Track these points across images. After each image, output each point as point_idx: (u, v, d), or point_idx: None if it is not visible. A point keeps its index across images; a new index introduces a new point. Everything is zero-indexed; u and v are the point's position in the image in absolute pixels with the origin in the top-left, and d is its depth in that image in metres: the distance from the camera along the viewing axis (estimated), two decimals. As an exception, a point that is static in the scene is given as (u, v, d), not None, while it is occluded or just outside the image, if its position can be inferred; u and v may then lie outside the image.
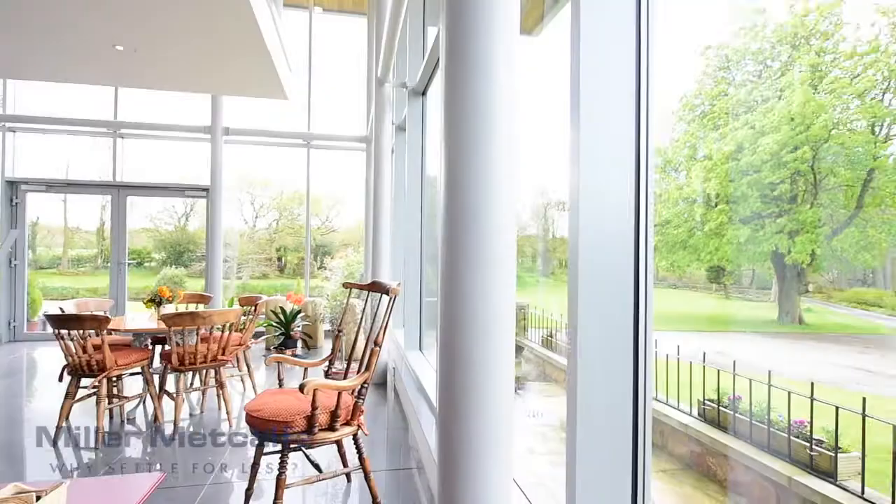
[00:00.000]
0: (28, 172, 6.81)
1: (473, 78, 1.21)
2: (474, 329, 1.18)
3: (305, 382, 2.00)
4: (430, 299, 4.74)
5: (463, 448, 1.27)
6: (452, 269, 1.22)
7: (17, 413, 4.04)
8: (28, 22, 3.31)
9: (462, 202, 1.22)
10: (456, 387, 1.26)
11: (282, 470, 2.09)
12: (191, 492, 2.57)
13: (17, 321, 6.63)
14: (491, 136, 1.20)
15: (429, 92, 4.49)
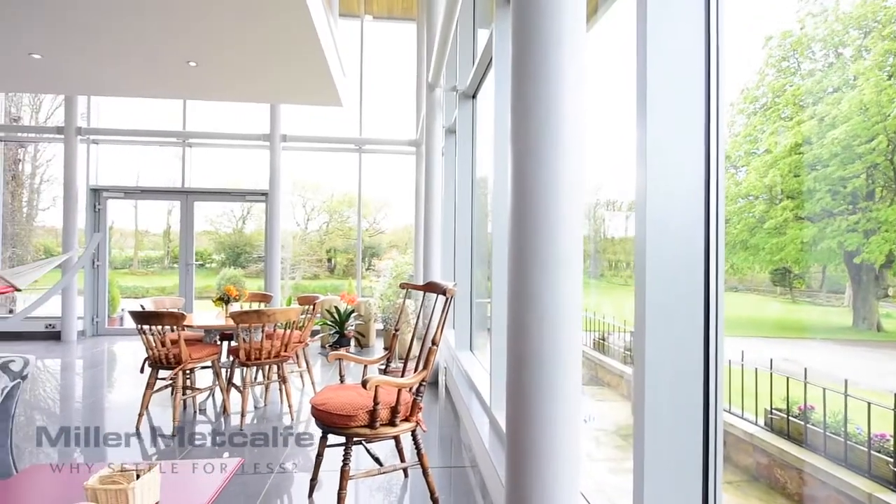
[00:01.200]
0: (107, 181, 7.42)
1: (541, 75, 1.21)
2: (542, 329, 1.19)
3: (368, 379, 2.08)
4: (479, 300, 4.77)
5: (532, 448, 1.27)
6: (520, 269, 1.24)
7: (101, 400, 4.42)
8: (112, 44, 3.63)
9: (530, 201, 1.23)
10: (524, 387, 1.27)
11: (345, 462, 2.19)
12: (259, 479, 2.73)
13: (99, 317, 7.23)
14: (558, 136, 1.20)
15: (479, 94, 4.53)
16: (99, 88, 4.80)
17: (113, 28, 3.39)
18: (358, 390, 2.46)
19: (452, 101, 5.52)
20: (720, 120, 1.26)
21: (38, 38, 3.54)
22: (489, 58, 3.58)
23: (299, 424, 3.69)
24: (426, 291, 2.64)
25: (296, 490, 2.68)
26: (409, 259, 7.78)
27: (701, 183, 1.25)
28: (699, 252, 1.24)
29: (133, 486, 1.47)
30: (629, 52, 1.51)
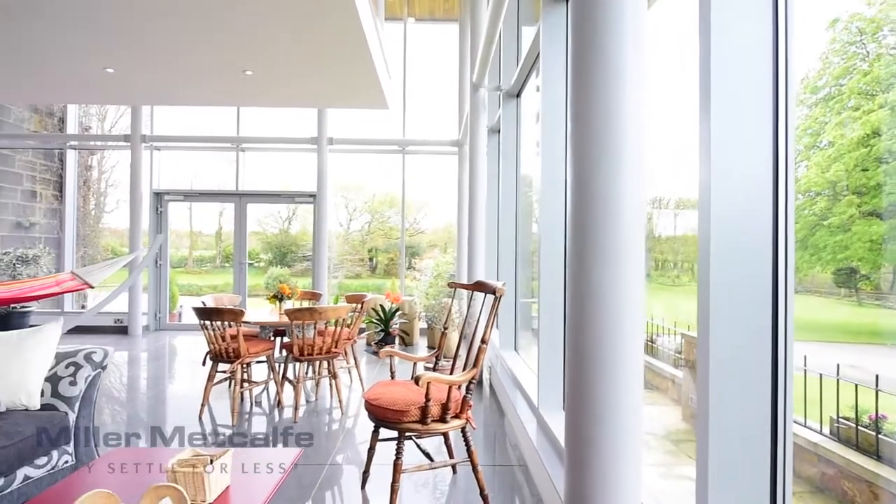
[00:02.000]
0: (166, 185, 7.88)
1: (601, 72, 1.20)
2: (603, 329, 1.18)
3: (420, 375, 2.13)
4: (523, 300, 4.75)
5: (593, 450, 1.26)
6: (580, 268, 1.24)
7: (165, 390, 4.71)
8: (175, 57, 3.86)
9: (590, 201, 1.22)
10: (585, 387, 1.26)
11: (398, 455, 2.25)
12: (313, 471, 2.84)
13: (161, 313, 7.69)
14: (619, 133, 1.19)
15: (523, 94, 4.51)
16: (163, 98, 5.12)
17: (177, 41, 3.61)
18: (408, 386, 2.51)
19: (495, 101, 5.52)
20: (789, 112, 1.21)
21: (112, 53, 3.82)
22: (535, 55, 3.56)
23: (348, 419, 3.80)
24: (474, 290, 2.66)
25: (348, 481, 2.77)
26: (450, 258, 7.82)
27: (769, 179, 1.21)
28: (766, 251, 1.21)
29: (208, 471, 1.57)
30: (684, 38, 1.47)
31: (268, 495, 1.64)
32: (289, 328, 3.95)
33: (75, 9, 3.12)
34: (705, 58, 1.21)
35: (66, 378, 2.49)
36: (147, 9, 3.11)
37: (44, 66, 4.09)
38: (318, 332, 3.71)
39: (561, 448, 2.47)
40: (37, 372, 2.43)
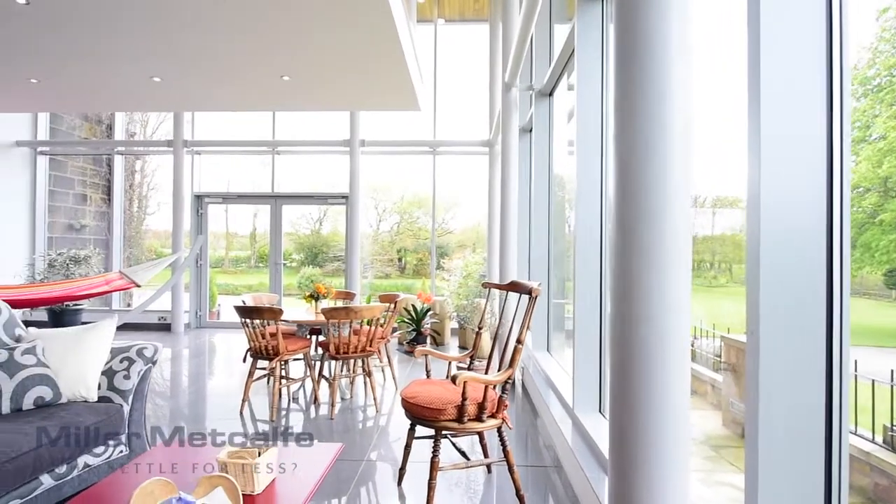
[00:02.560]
0: (205, 188, 8.17)
1: (646, 67, 1.17)
2: (648, 331, 1.17)
3: (457, 374, 2.15)
4: (556, 301, 4.71)
5: (639, 457, 1.23)
6: (625, 268, 1.23)
7: (207, 385, 4.89)
8: (217, 64, 4.01)
9: (636, 200, 1.20)
10: (630, 391, 1.23)
11: (435, 453, 2.27)
12: (350, 466, 2.90)
13: (201, 311, 7.99)
14: (666, 130, 1.16)
15: (555, 93, 4.48)
16: (204, 105, 5.33)
17: (219, 50, 3.75)
18: (444, 385, 2.54)
19: (526, 100, 5.50)
20: (844, 103, 1.17)
21: (159, 63, 4.00)
22: (569, 53, 3.53)
23: (381, 416, 3.86)
24: (509, 291, 2.66)
25: (384, 478, 2.81)
26: (479, 258, 7.82)
27: (822, 175, 1.17)
28: (820, 251, 1.17)
29: (256, 462, 1.64)
30: (728, 23, 1.43)
31: (312, 488, 1.69)
32: (325, 327, 4.04)
33: (126, 21, 3.28)
34: (754, 48, 1.18)
35: (121, 372, 2.62)
36: (193, 21, 3.25)
37: (96, 76, 4.32)
38: (353, 331, 3.78)
39: (598, 450, 2.44)
40: (94, 366, 2.58)
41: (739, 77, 1.61)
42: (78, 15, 3.19)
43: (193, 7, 3.06)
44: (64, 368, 2.50)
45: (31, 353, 2.43)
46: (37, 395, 2.34)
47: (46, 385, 2.38)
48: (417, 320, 5.97)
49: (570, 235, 4.33)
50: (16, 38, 3.54)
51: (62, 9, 3.11)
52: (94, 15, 3.19)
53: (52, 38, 3.55)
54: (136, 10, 3.11)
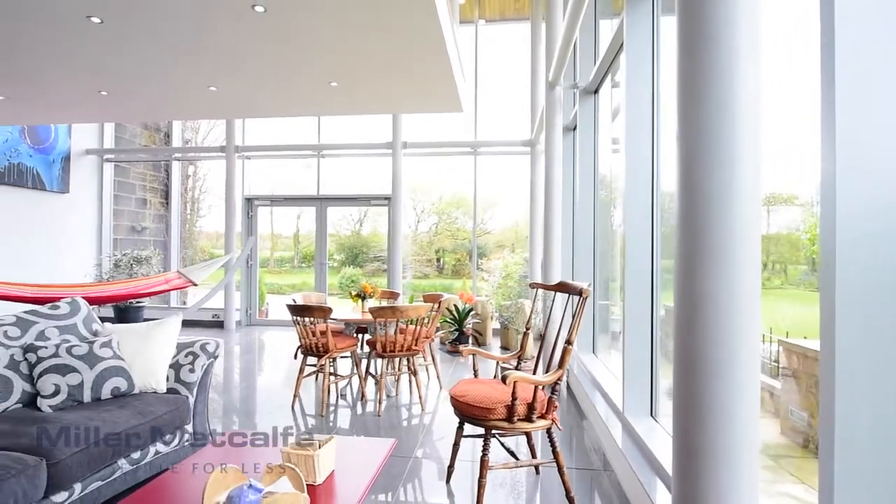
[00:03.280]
0: (254, 190, 8.51)
1: (713, 61, 1.14)
2: (716, 335, 1.14)
3: (508, 374, 2.16)
4: (601, 302, 4.63)
5: (705, 469, 1.19)
6: (690, 270, 1.20)
7: (260, 382, 5.10)
8: (271, 73, 4.18)
9: (701, 198, 1.17)
10: (696, 398, 1.19)
11: (485, 452, 2.29)
12: (399, 462, 2.96)
13: (251, 309, 8.32)
14: (734, 126, 1.13)
15: (601, 90, 4.40)
16: (256, 111, 5.56)
17: (271, 59, 3.91)
18: (493, 385, 2.55)
19: (570, 99, 5.42)
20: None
21: (215, 73, 4.21)
22: (617, 48, 3.47)
23: (426, 415, 3.90)
24: (557, 291, 2.65)
25: (432, 475, 2.85)
26: (519, 259, 7.77)
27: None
28: (903, 251, 1.11)
29: (318, 454, 1.71)
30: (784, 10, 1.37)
31: (369, 481, 1.74)
32: (371, 325, 4.13)
33: (187, 35, 3.48)
34: (828, 31, 1.12)
35: (186, 366, 2.79)
36: (248, 32, 3.40)
37: (159, 87, 4.60)
38: (398, 330, 3.85)
39: (651, 454, 2.39)
40: (163, 359, 2.75)
41: (791, 66, 1.54)
42: (145, 31, 3.41)
43: (249, 19, 3.20)
44: (136, 361, 2.68)
45: (108, 346, 2.62)
46: (113, 386, 2.52)
47: (122, 376, 2.56)
48: (460, 320, 6.01)
49: (614, 235, 4.25)
50: (90, 54, 3.82)
51: (131, 26, 3.33)
52: (160, 30, 3.40)
53: (121, 54, 3.81)
54: (197, 24, 3.29)
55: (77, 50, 3.74)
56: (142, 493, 1.69)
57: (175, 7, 3.08)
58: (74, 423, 2.14)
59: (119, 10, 3.11)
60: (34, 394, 2.41)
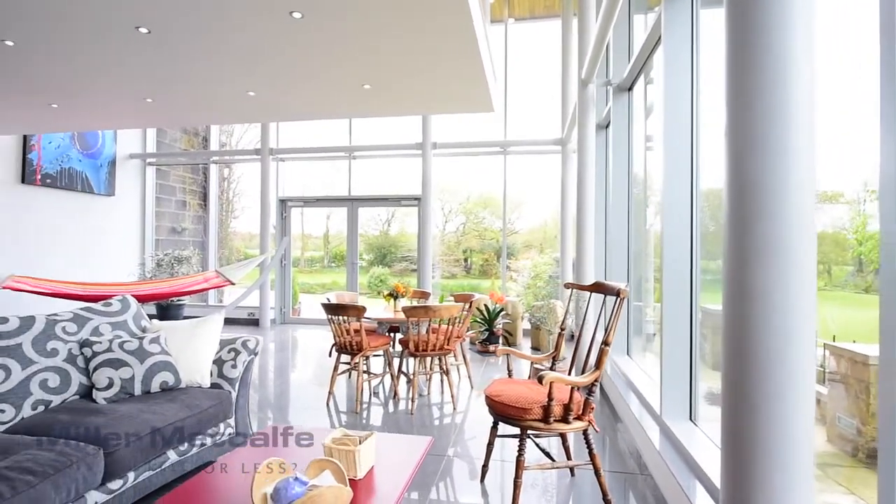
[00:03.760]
0: (288, 192, 8.72)
1: (765, 55, 1.10)
2: (769, 338, 1.10)
3: (544, 374, 2.15)
4: (635, 303, 4.54)
5: (757, 474, 1.15)
6: (742, 271, 1.16)
7: (294, 379, 5.22)
8: (306, 77, 4.28)
9: (753, 195, 1.13)
10: (748, 403, 1.15)
11: (520, 452, 2.29)
12: (433, 461, 2.98)
13: (285, 308, 8.53)
14: (788, 124, 1.09)
15: (635, 87, 4.32)
16: (291, 115, 5.69)
17: (307, 63, 4.00)
18: (528, 385, 2.55)
19: (602, 97, 5.34)
20: None
21: (254, 78, 4.34)
22: (653, 44, 3.40)
23: (458, 414, 3.92)
24: (593, 292, 2.62)
25: (465, 474, 2.87)
26: (548, 259, 7.69)
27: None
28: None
29: (359, 449, 1.74)
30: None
31: (408, 478, 1.77)
32: (404, 325, 4.18)
33: (230, 44, 3.60)
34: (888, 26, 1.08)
35: (229, 362, 2.89)
36: (286, 39, 3.49)
37: (200, 93, 4.77)
38: (431, 330, 3.88)
39: (691, 458, 2.34)
40: (207, 355, 2.86)
41: (829, 60, 1.48)
42: (190, 40, 3.55)
43: (287, 26, 3.29)
44: (182, 357, 2.79)
45: (156, 342, 2.74)
46: (162, 380, 2.63)
47: (169, 371, 2.67)
48: (490, 320, 6.00)
49: (648, 234, 4.16)
50: (138, 63, 3.99)
51: (177, 35, 3.47)
52: (203, 39, 3.53)
53: (166, 62, 3.97)
54: (238, 32, 3.40)
55: (126, 60, 3.92)
56: (192, 483, 1.77)
57: (218, 16, 3.19)
58: (128, 414, 2.25)
59: (166, 20, 3.25)
60: (90, 386, 2.55)
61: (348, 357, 4.18)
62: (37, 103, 5.06)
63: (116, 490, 2.10)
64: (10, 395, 2.25)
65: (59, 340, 2.54)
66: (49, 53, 3.80)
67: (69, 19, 3.25)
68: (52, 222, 7.31)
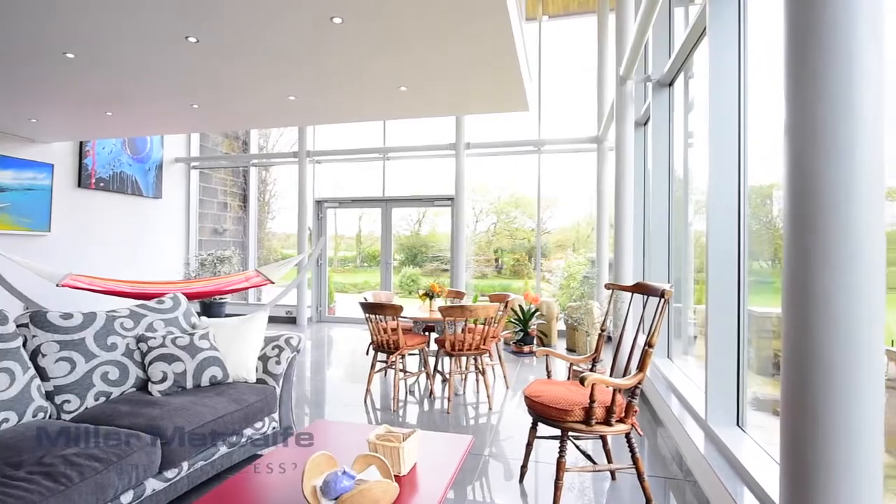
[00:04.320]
0: (324, 193, 8.90)
1: (829, 49, 1.06)
2: (834, 340, 1.06)
3: (586, 376, 2.13)
4: (676, 305, 4.42)
5: (819, 487, 1.11)
6: (802, 271, 1.12)
7: (330, 376, 5.33)
8: (345, 81, 4.36)
9: (816, 193, 1.09)
10: (810, 411, 1.10)
11: (561, 454, 2.27)
12: (471, 460, 2.99)
13: (321, 306, 8.72)
14: (854, 118, 1.05)
15: (676, 82, 4.21)
16: (329, 118, 5.82)
17: (351, 69, 4.08)
18: (567, 386, 2.52)
19: (640, 93, 5.22)
20: None
21: (295, 83, 4.47)
22: (697, 37, 3.30)
23: (494, 414, 3.91)
24: (635, 293, 2.57)
25: (504, 474, 2.86)
26: (582, 259, 7.57)
27: None
28: None
29: (403, 446, 1.77)
30: None
31: (451, 475, 1.79)
32: (439, 324, 4.21)
33: (274, 52, 3.71)
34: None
35: (273, 358, 2.98)
36: (327, 44, 3.57)
37: (244, 99, 4.94)
38: (467, 329, 3.89)
39: (739, 465, 2.26)
40: (253, 351, 2.96)
41: None
42: (235, 48, 3.68)
43: (327, 31, 3.37)
44: (229, 353, 2.91)
45: (206, 338, 2.86)
46: (211, 375, 2.74)
47: (218, 366, 2.78)
48: (525, 321, 5.96)
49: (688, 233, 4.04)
50: (185, 71, 4.17)
51: (223, 43, 3.61)
52: (247, 46, 3.66)
53: (212, 70, 4.13)
54: (281, 39, 3.51)
55: (174, 68, 4.10)
56: (243, 475, 1.84)
57: (261, 24, 3.30)
58: (182, 406, 2.36)
59: (213, 29, 3.38)
60: (145, 379, 2.68)
61: (384, 355, 4.24)
62: (93, 111, 5.36)
63: (172, 479, 2.21)
64: (75, 387, 2.40)
65: (118, 336, 2.68)
66: (106, 64, 4.02)
67: (126, 32, 3.42)
68: (105, 224, 7.72)
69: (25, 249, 6.51)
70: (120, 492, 1.92)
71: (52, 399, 2.34)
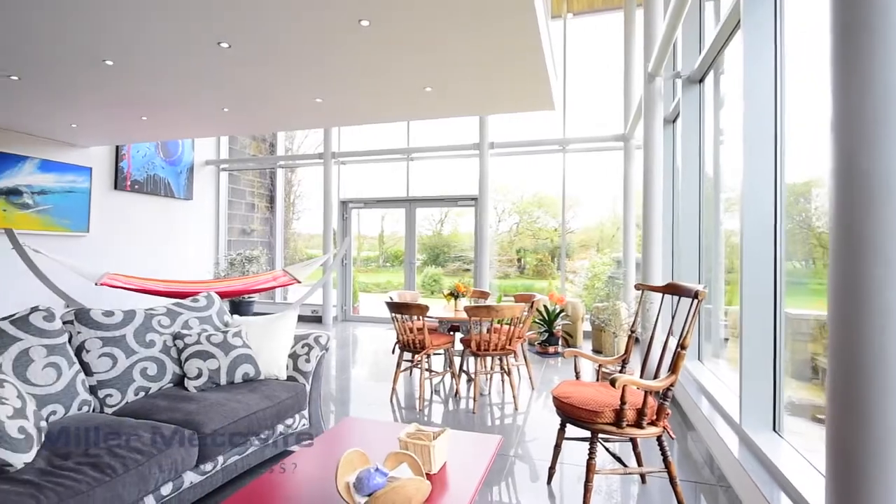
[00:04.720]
0: (348, 194, 9.00)
1: (879, 27, 1.02)
2: (885, 344, 1.01)
3: (617, 377, 2.10)
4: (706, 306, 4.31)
5: (870, 493, 1.06)
6: (850, 273, 1.08)
7: (356, 374, 5.39)
8: (371, 83, 4.41)
9: (866, 192, 1.05)
10: (860, 415, 1.05)
11: (591, 456, 2.25)
12: (499, 460, 2.99)
13: (346, 306, 8.82)
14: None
15: (706, 78, 4.11)
16: (354, 119, 5.89)
17: (373, 69, 4.12)
18: (597, 387, 2.50)
19: (669, 90, 5.12)
20: None
21: (322, 86, 4.54)
22: (729, 31, 3.22)
23: (519, 415, 3.89)
24: (666, 293, 2.52)
25: (531, 475, 2.85)
26: (607, 259, 7.45)
27: None
28: None
29: (434, 444, 1.78)
30: None
31: (482, 475, 1.79)
32: (465, 324, 4.21)
33: (304, 56, 3.78)
34: None
35: (303, 356, 3.04)
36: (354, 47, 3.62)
37: (272, 102, 5.04)
38: (492, 329, 3.89)
39: (777, 471, 2.20)
40: (283, 349, 3.02)
41: None
42: (264, 52, 3.77)
43: (355, 34, 3.41)
44: (261, 350, 2.97)
45: (239, 336, 2.93)
46: (244, 372, 2.81)
47: (250, 363, 2.85)
48: (549, 321, 5.91)
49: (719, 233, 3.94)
50: (217, 76, 4.29)
51: (253, 48, 3.69)
52: (276, 50, 3.74)
53: (243, 74, 4.23)
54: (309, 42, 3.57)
55: (206, 74, 4.22)
56: (277, 471, 1.88)
57: (290, 28, 3.36)
58: (217, 402, 2.43)
59: (244, 34, 3.47)
60: (181, 375, 2.77)
61: (409, 354, 4.26)
62: (130, 116, 5.55)
63: (208, 472, 2.27)
64: (117, 381, 2.49)
65: (156, 333, 2.78)
66: (142, 70, 4.16)
67: (161, 39, 3.54)
68: (139, 224, 7.99)
69: (65, 249, 6.79)
70: (161, 483, 1.99)
71: (96, 393, 2.44)
